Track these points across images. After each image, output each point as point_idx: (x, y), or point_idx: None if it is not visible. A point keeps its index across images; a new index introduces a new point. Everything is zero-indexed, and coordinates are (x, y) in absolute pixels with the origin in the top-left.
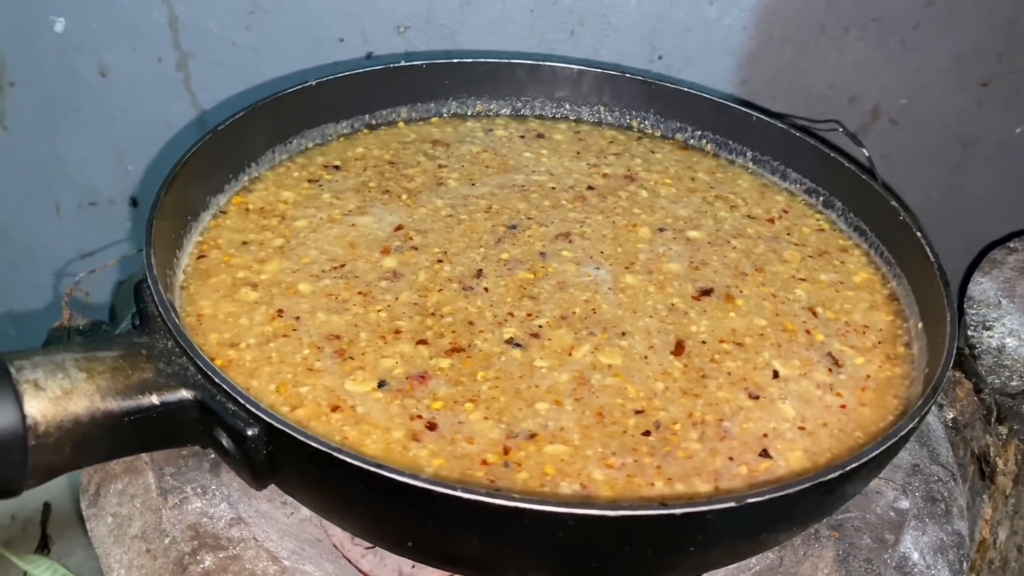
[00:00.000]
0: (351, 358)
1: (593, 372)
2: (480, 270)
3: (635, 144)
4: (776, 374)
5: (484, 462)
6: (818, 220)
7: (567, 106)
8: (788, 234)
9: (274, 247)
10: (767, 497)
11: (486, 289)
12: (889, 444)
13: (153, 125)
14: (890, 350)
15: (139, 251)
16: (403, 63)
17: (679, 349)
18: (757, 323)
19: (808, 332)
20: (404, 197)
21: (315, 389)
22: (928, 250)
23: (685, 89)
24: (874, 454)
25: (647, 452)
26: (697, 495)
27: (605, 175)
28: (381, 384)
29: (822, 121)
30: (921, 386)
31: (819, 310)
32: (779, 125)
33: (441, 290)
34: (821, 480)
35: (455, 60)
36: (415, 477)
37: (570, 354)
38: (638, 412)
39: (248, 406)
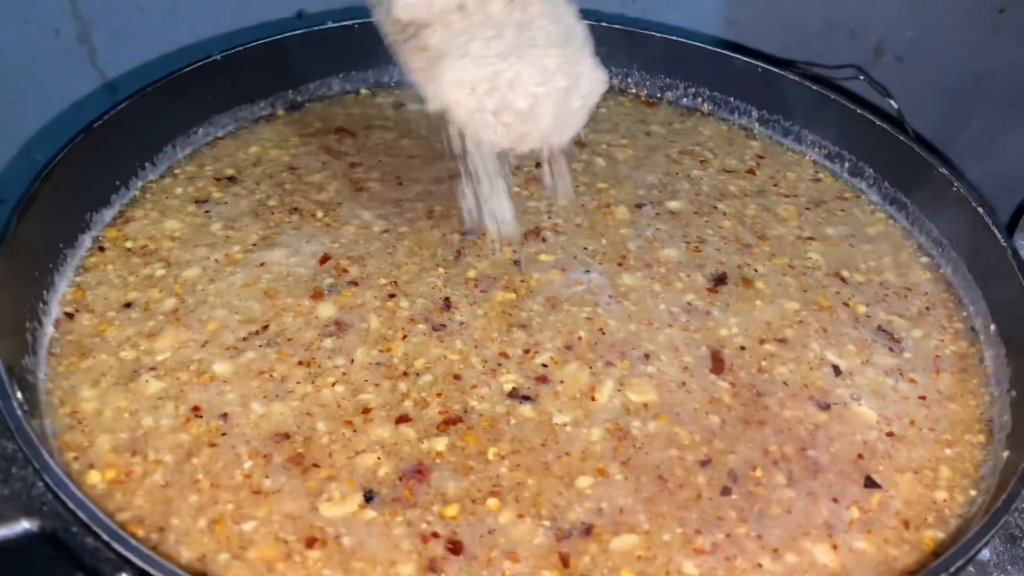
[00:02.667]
0: (315, 465)
1: (629, 419)
2: (447, 299)
3: None
4: (837, 370)
5: None
6: (806, 164)
7: None
8: (775, 185)
9: (166, 311)
10: None
11: (462, 324)
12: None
13: (60, 108)
14: (945, 322)
15: None
16: (330, 24)
17: (718, 364)
18: (789, 307)
19: (847, 305)
20: (320, 214)
21: (270, 521)
22: (997, 233)
23: (674, 38)
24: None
25: (737, 519)
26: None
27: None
28: (368, 497)
29: (837, 67)
30: (1008, 412)
31: (845, 274)
32: (791, 77)
33: (405, 336)
34: None
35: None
36: None
37: (592, 398)
38: (704, 463)
39: (115, 544)
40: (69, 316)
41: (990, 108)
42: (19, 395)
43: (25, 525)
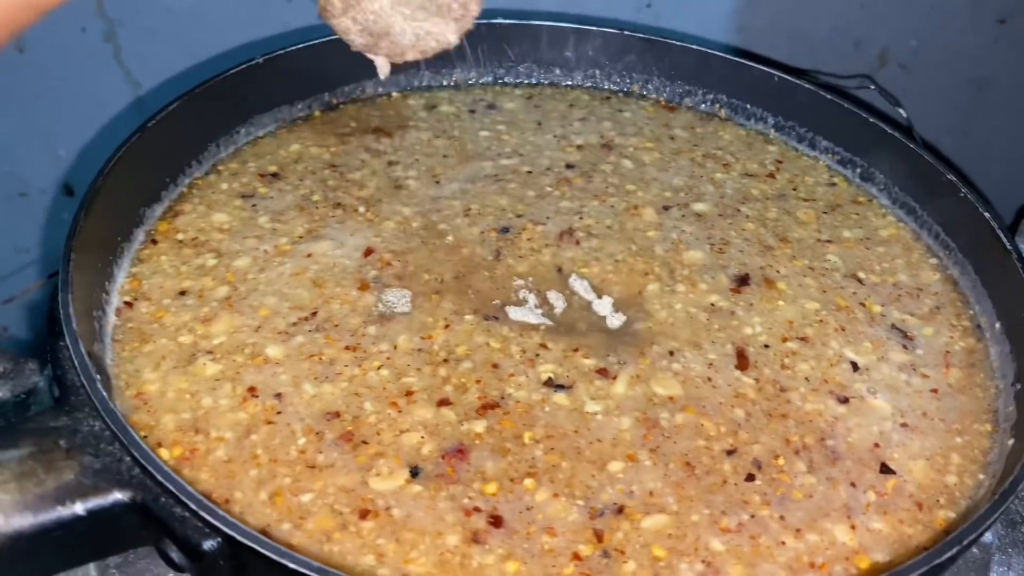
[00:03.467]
0: (364, 442)
1: (657, 409)
2: (483, 295)
3: (599, 105)
4: (855, 366)
5: (577, 556)
6: (820, 169)
7: (557, 71)
8: (794, 189)
9: (219, 299)
10: None
11: (499, 319)
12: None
13: (84, 104)
14: (954, 320)
15: (50, 278)
16: None
17: (743, 361)
18: (810, 307)
19: (863, 305)
20: (362, 210)
21: (326, 493)
22: (1002, 236)
23: (694, 46)
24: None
25: (761, 502)
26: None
27: (579, 147)
28: (415, 472)
29: (849, 77)
30: (1012, 404)
31: (861, 275)
32: (805, 86)
33: (448, 326)
34: None
35: None
36: None
37: (622, 391)
38: (730, 452)
39: (203, 514)
40: (128, 304)
41: (990, 115)
42: (98, 377)
43: (117, 496)
